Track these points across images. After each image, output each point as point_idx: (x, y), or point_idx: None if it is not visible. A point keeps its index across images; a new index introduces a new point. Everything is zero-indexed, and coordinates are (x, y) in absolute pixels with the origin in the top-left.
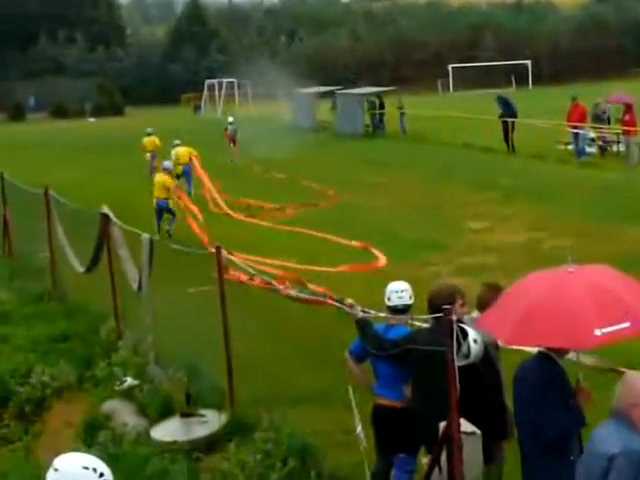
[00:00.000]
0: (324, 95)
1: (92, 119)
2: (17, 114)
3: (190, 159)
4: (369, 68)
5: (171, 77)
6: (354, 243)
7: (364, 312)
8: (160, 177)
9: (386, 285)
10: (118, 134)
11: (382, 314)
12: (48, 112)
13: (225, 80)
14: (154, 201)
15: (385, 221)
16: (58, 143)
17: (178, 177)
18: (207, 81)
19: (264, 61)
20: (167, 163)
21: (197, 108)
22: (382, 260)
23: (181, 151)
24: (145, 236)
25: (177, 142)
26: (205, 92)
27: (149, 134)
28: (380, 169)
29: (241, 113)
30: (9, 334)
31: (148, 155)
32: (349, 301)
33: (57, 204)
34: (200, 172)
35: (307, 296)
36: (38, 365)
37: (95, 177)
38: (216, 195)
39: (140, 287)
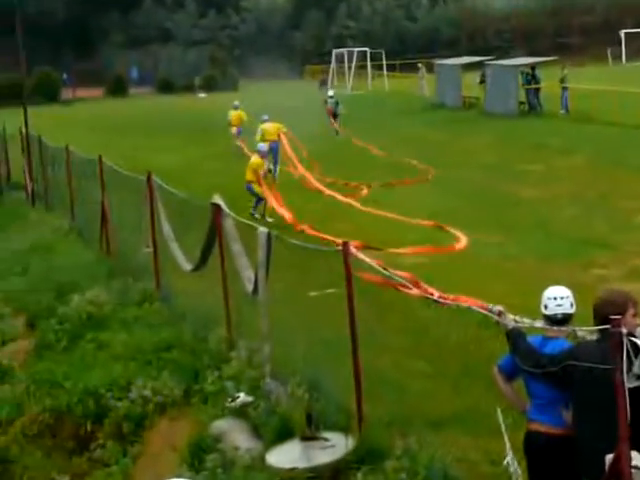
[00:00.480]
0: (471, 67)
1: (202, 94)
2: (118, 88)
3: (278, 136)
4: (525, 35)
5: (293, 46)
6: (425, 222)
7: (516, 321)
8: (253, 159)
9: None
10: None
11: (538, 324)
12: (153, 86)
13: (356, 50)
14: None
15: (538, 214)
16: (163, 123)
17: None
18: (335, 51)
19: (400, 27)
20: (262, 145)
21: (323, 83)
22: (462, 241)
23: (268, 127)
24: (262, 230)
25: (265, 117)
26: (333, 64)
27: (235, 108)
28: (534, 153)
29: (375, 87)
30: (107, 340)
31: (234, 129)
32: (498, 308)
33: (161, 192)
34: (288, 150)
35: (447, 300)
36: (139, 377)
37: (202, 161)
38: (305, 173)
39: (256, 290)
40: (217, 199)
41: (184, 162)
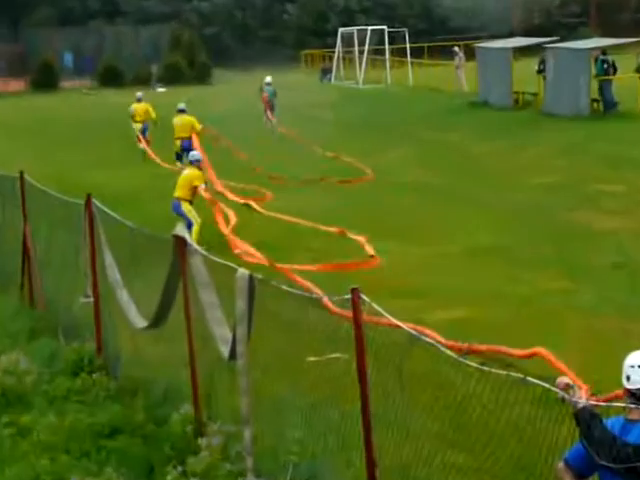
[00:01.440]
0: (525, 51)
1: (161, 88)
2: (46, 80)
3: (190, 133)
4: (599, 9)
5: (285, 24)
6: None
7: (588, 398)
8: (187, 171)
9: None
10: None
11: (618, 402)
12: (94, 77)
13: (370, 29)
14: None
15: (619, 251)
16: (105, 127)
17: (179, 157)
18: (342, 30)
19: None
20: (195, 153)
21: (325, 72)
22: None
23: (179, 122)
24: (242, 272)
25: (181, 107)
26: (338, 47)
27: (139, 100)
28: (612, 169)
29: (395, 79)
30: (29, 424)
31: (138, 126)
32: (564, 380)
33: (105, 221)
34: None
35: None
36: (73, 474)
37: (155, 179)
38: (214, 179)
39: (233, 354)
40: (181, 230)
41: (133, 180)
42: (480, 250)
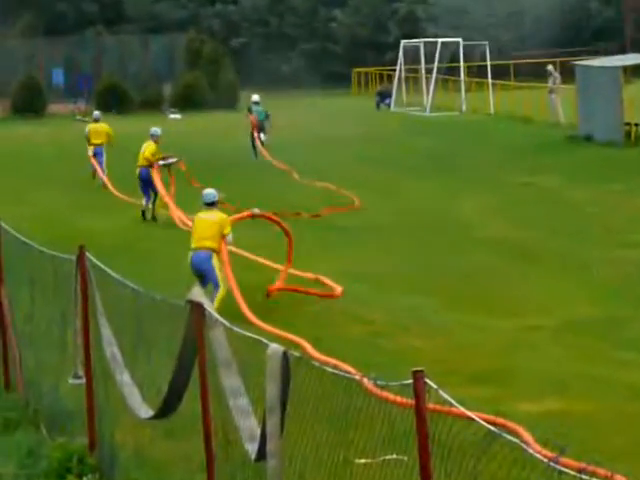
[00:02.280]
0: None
1: (175, 115)
2: (30, 103)
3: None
4: None
5: (331, 34)
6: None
7: None
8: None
9: None
10: (221, 151)
11: None
12: (91, 99)
13: (440, 40)
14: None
15: None
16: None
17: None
18: (404, 42)
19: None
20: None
21: (383, 96)
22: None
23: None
24: (275, 350)
25: (154, 130)
26: (400, 64)
27: (96, 120)
28: None
29: (473, 106)
30: None
31: (91, 150)
32: None
33: (101, 281)
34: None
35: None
36: None
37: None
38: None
39: (263, 452)
40: (197, 294)
41: (134, 227)
42: (579, 325)
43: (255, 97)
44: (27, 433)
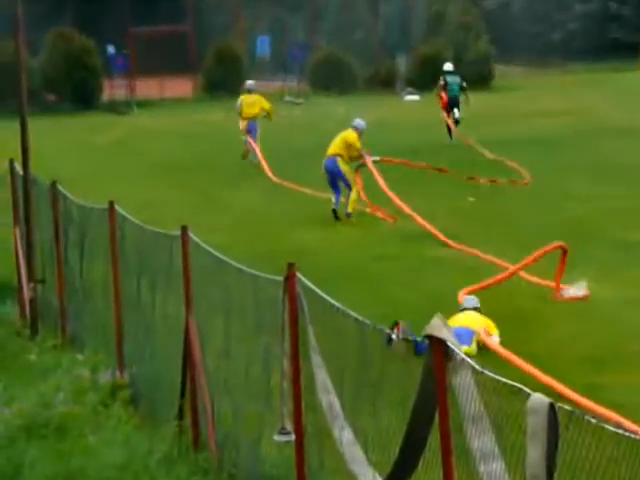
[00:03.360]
0: None
1: (413, 95)
2: (225, 79)
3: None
4: None
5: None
6: None
7: None
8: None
9: None
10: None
11: None
12: (303, 75)
13: None
14: None
15: None
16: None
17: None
18: None
19: None
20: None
21: None
22: None
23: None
24: (539, 401)
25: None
26: None
27: (249, 90)
28: None
29: None
30: None
31: (243, 124)
32: None
33: (315, 306)
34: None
35: None
36: None
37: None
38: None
39: None
40: (438, 326)
41: (358, 242)
42: None
43: (448, 65)
44: None
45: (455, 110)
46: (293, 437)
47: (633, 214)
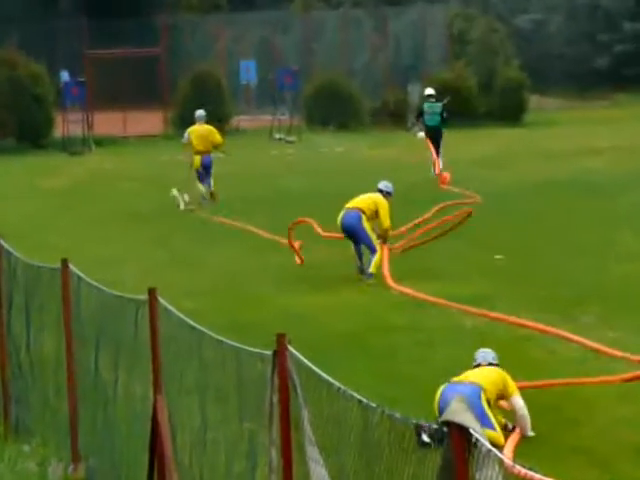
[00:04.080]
0: None
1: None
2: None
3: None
4: None
5: None
6: None
7: None
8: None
9: None
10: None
11: None
12: (296, 106)
13: None
14: None
15: None
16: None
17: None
18: None
19: None
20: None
21: None
22: None
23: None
24: None
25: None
26: None
27: (199, 119)
28: None
29: None
30: None
31: (197, 159)
32: None
33: (310, 385)
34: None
35: None
36: None
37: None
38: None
39: None
40: (459, 411)
41: (362, 310)
42: None
43: (429, 90)
44: None
45: (440, 142)
46: None
47: None
